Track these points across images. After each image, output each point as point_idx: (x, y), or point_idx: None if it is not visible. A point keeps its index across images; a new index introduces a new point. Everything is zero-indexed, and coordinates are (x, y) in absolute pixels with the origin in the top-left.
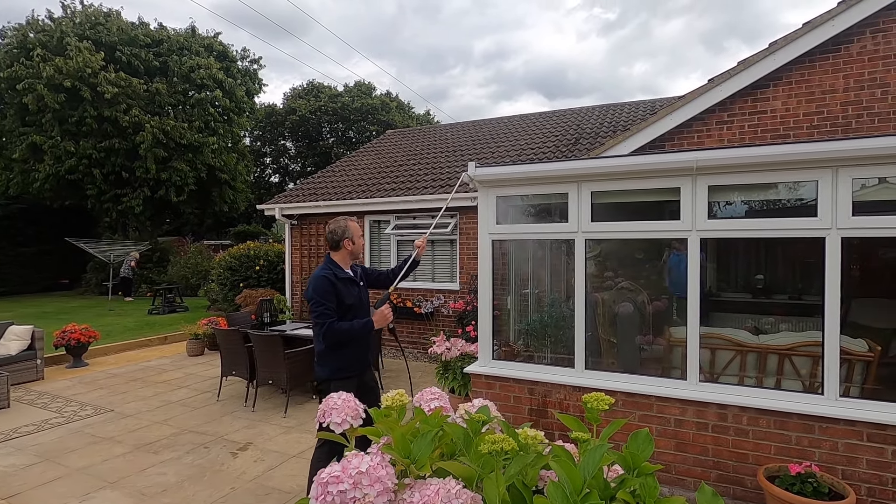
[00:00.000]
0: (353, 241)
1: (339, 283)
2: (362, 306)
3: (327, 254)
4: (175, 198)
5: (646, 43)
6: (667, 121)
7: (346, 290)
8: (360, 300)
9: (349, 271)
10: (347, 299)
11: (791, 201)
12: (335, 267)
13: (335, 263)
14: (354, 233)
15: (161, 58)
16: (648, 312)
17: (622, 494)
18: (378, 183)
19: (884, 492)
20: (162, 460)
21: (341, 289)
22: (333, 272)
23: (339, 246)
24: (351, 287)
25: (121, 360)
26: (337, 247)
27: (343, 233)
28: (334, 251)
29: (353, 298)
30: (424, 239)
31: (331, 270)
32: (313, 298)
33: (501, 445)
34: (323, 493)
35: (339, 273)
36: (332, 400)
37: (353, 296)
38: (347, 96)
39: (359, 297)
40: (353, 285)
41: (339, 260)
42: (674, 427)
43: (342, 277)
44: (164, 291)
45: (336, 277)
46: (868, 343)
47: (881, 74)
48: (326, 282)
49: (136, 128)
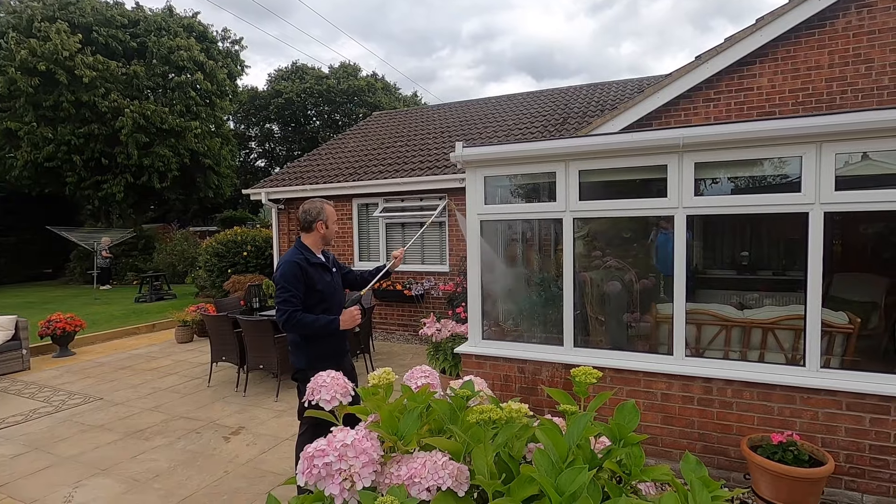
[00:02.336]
0: (326, 224)
1: (311, 269)
2: (335, 295)
3: (298, 237)
4: (158, 184)
5: (633, 23)
6: (654, 99)
7: (317, 275)
8: (332, 287)
9: (321, 256)
10: (318, 285)
11: (776, 178)
12: (306, 251)
13: (306, 247)
14: (329, 217)
15: (138, 39)
16: (636, 290)
17: (609, 464)
18: (365, 166)
19: (861, 458)
20: (153, 446)
21: (312, 274)
22: (305, 257)
23: (311, 227)
24: (323, 273)
25: (108, 348)
26: (309, 228)
27: (318, 214)
28: (306, 233)
29: (324, 284)
30: (402, 251)
31: (302, 255)
32: (279, 283)
33: (489, 415)
34: (309, 466)
35: (310, 258)
36: (321, 378)
37: (324, 282)
38: (333, 78)
39: (331, 285)
40: (326, 271)
41: (310, 244)
42: (660, 401)
43: (314, 262)
44: (150, 279)
45: (307, 262)
46: (848, 316)
47: (865, 50)
48: (296, 267)
49: (115, 112)
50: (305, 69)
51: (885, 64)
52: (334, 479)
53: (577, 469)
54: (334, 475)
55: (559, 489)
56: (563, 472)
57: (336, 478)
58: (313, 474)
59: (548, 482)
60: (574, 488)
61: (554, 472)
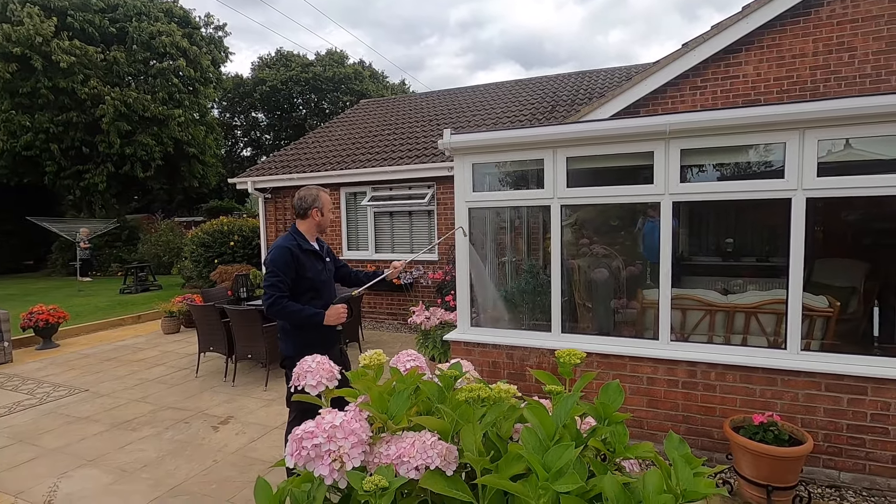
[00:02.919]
0: (321, 211)
1: (302, 255)
2: (326, 284)
3: (293, 223)
4: (141, 173)
5: (621, 11)
6: (641, 86)
7: (308, 262)
8: (323, 276)
9: (314, 244)
10: (308, 272)
11: (760, 165)
12: (300, 237)
13: (300, 234)
14: (325, 204)
15: (118, 24)
16: (623, 277)
17: (593, 442)
18: (353, 154)
19: (839, 437)
20: (141, 437)
21: (304, 261)
22: (298, 243)
23: (306, 214)
24: (315, 261)
25: (93, 340)
26: (304, 215)
27: (313, 201)
28: (300, 219)
29: (315, 272)
30: (402, 263)
31: (295, 241)
32: (269, 267)
33: (479, 393)
34: (298, 448)
35: (303, 244)
36: (307, 363)
37: (315, 269)
38: (319, 66)
39: (322, 273)
40: (318, 259)
41: (304, 230)
42: (646, 385)
43: (306, 249)
44: (135, 270)
45: (300, 249)
46: (828, 300)
47: (848, 38)
48: (287, 253)
49: (95, 100)
50: (290, 56)
51: (868, 52)
52: (323, 459)
53: (564, 446)
54: (323, 456)
55: (546, 466)
56: (551, 449)
57: (325, 458)
58: (302, 456)
59: (535, 459)
60: (560, 465)
61: (541, 449)
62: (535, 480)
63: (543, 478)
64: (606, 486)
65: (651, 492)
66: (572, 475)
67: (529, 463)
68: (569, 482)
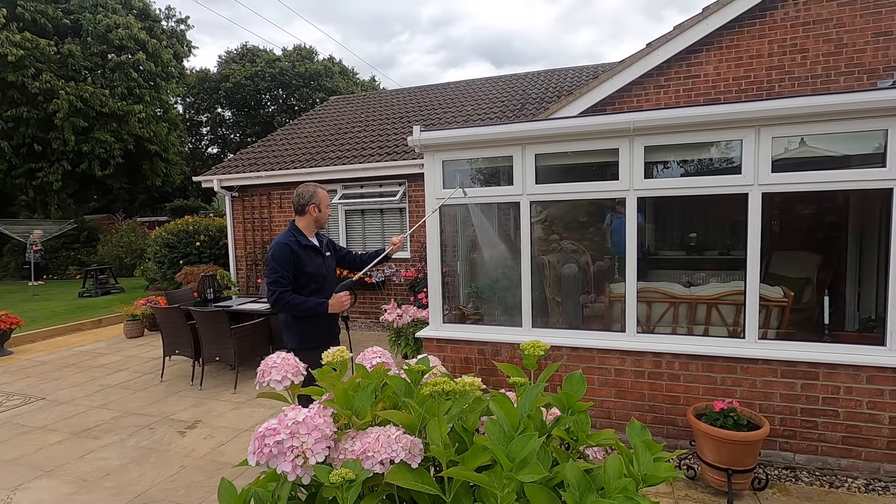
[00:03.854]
0: (318, 207)
1: (301, 251)
2: (327, 278)
3: (292, 220)
4: (100, 172)
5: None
6: (608, 85)
7: (307, 258)
8: (323, 270)
9: (314, 240)
10: (308, 267)
11: (721, 162)
12: (298, 234)
13: (299, 230)
14: (322, 200)
15: (72, 15)
16: (591, 272)
17: (557, 431)
18: (322, 151)
19: (793, 421)
20: (103, 445)
21: (303, 256)
22: (296, 239)
23: (304, 211)
24: (314, 256)
25: (50, 346)
26: (302, 211)
27: (310, 198)
28: (299, 216)
29: (315, 267)
30: (401, 238)
31: (293, 237)
32: (270, 264)
33: (443, 387)
34: (260, 445)
35: (302, 240)
36: (272, 359)
37: (314, 265)
38: (287, 61)
39: (322, 268)
40: (317, 254)
41: (302, 227)
42: (614, 376)
43: (305, 245)
44: (95, 272)
45: (298, 245)
46: (784, 290)
47: (801, 41)
48: (286, 249)
49: (48, 95)
50: (256, 52)
51: (819, 54)
52: (286, 456)
53: (528, 436)
54: (286, 452)
55: (510, 456)
56: (515, 439)
57: (288, 455)
58: (264, 453)
59: (499, 450)
60: (524, 454)
61: (505, 440)
62: (500, 471)
63: (508, 468)
64: (568, 474)
65: (612, 477)
66: (535, 465)
67: (494, 454)
68: (532, 472)
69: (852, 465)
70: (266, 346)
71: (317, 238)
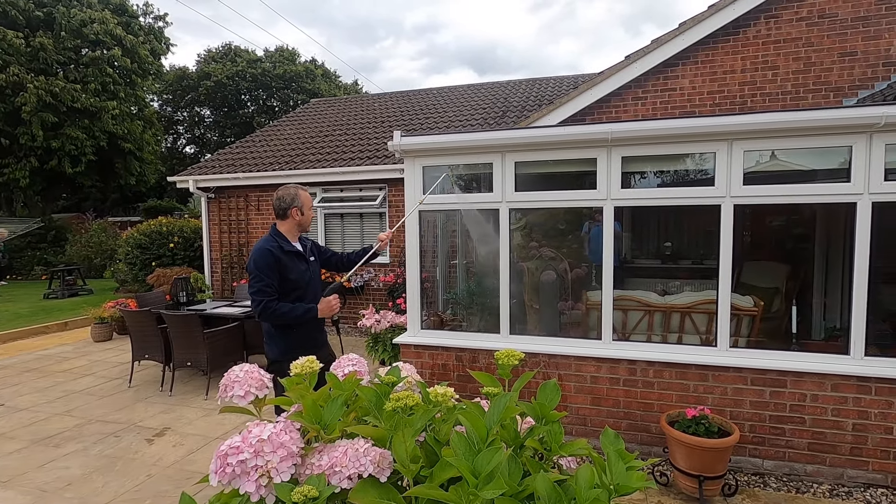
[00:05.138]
0: (301, 210)
1: (284, 257)
2: (311, 284)
3: (273, 224)
4: (70, 169)
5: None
6: (587, 95)
7: (291, 264)
8: (307, 276)
9: (297, 245)
10: (291, 274)
11: (696, 174)
12: (281, 239)
13: (281, 235)
14: (304, 203)
15: (45, 8)
16: (569, 279)
17: (530, 442)
18: (302, 154)
19: (762, 427)
20: (65, 453)
21: (286, 262)
22: (279, 244)
23: (286, 215)
24: (297, 262)
25: (11, 349)
26: (284, 215)
27: (292, 201)
28: (280, 220)
29: (298, 274)
30: (389, 234)
31: (276, 242)
32: (253, 272)
33: (405, 402)
34: (222, 465)
35: (284, 245)
36: (234, 373)
37: (298, 271)
38: (268, 62)
39: (306, 273)
40: (301, 260)
41: (285, 231)
42: (590, 384)
43: (288, 251)
44: (62, 273)
45: (281, 250)
46: (754, 300)
47: (772, 58)
48: (269, 255)
49: (15, 88)
50: (238, 51)
51: (789, 71)
52: (250, 476)
53: (493, 450)
54: (250, 472)
55: (475, 471)
56: (480, 453)
57: (252, 475)
58: (227, 473)
59: (464, 465)
60: (490, 468)
61: (471, 454)
62: (467, 486)
63: (473, 484)
64: (539, 486)
65: (583, 487)
66: (498, 480)
67: (458, 468)
68: (495, 487)
69: (818, 470)
70: (240, 352)
71: (300, 242)
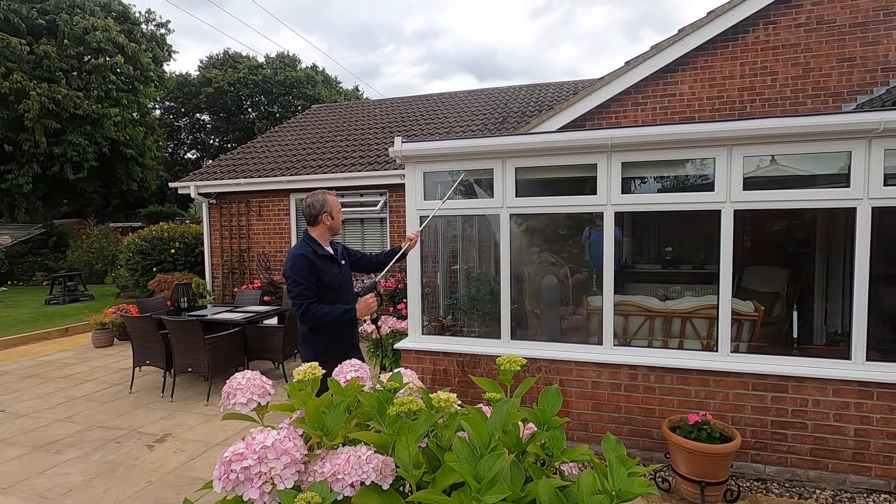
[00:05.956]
0: (331, 215)
1: (319, 261)
2: (344, 286)
3: (305, 230)
4: (72, 175)
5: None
6: (587, 101)
7: (325, 267)
8: (340, 279)
9: (329, 249)
10: (326, 277)
11: (696, 179)
12: (314, 244)
13: (313, 240)
14: (334, 207)
15: (48, 16)
16: (570, 284)
17: (532, 448)
18: (304, 160)
19: (764, 433)
20: (65, 460)
21: (321, 266)
22: (312, 249)
23: (316, 221)
24: (331, 265)
25: (12, 355)
26: (314, 222)
27: (321, 207)
28: (311, 226)
29: (332, 276)
30: (417, 233)
31: (309, 247)
32: (290, 277)
33: (409, 407)
34: (226, 472)
35: (318, 250)
36: (237, 380)
37: (332, 274)
38: (269, 68)
39: (340, 276)
40: (334, 263)
41: (317, 236)
42: (591, 389)
43: (322, 255)
44: (63, 279)
45: (315, 255)
46: (754, 305)
47: (771, 63)
48: (304, 259)
49: (18, 95)
50: (238, 57)
51: (787, 77)
52: (254, 482)
53: (496, 455)
54: (253, 479)
55: (478, 476)
56: (483, 458)
57: (255, 482)
58: (231, 479)
59: (466, 470)
60: (492, 474)
61: (474, 459)
62: (469, 492)
63: (476, 489)
64: (541, 491)
65: (585, 493)
66: (501, 485)
67: (461, 474)
68: (497, 492)
69: (820, 476)
70: (241, 357)
71: (331, 246)
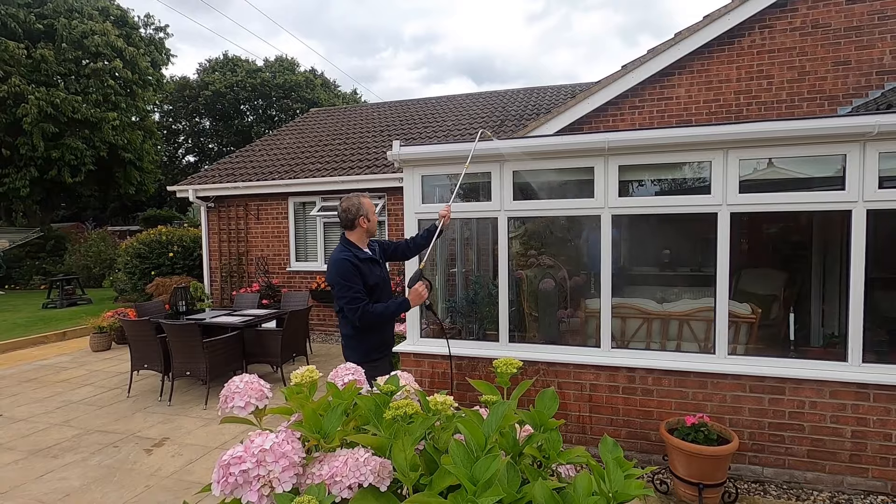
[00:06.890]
0: (367, 218)
1: (361, 265)
2: (386, 286)
3: (342, 234)
4: (70, 179)
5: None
6: (584, 104)
7: (368, 270)
8: (383, 280)
9: (367, 251)
10: (370, 279)
11: (693, 182)
12: (353, 248)
13: (352, 244)
14: (369, 210)
15: (46, 20)
16: (568, 287)
17: (529, 450)
18: (302, 163)
19: (761, 434)
20: (63, 464)
21: (364, 269)
22: (353, 253)
23: (353, 225)
24: (373, 267)
25: (9, 360)
26: (352, 226)
27: (357, 210)
28: (349, 231)
29: (377, 278)
30: (448, 207)
31: (350, 252)
32: (339, 282)
33: (405, 410)
34: (225, 475)
35: (358, 254)
36: (234, 384)
37: (375, 275)
38: (268, 72)
39: (382, 277)
40: (375, 265)
41: (355, 240)
42: (589, 391)
43: (363, 258)
44: (61, 283)
45: (357, 259)
46: (752, 307)
47: (767, 67)
48: (348, 264)
49: (16, 99)
50: (237, 61)
51: (783, 80)
52: (252, 486)
53: (491, 457)
54: (252, 482)
55: (474, 478)
56: (479, 460)
57: (254, 485)
58: (229, 483)
59: (462, 472)
60: (488, 476)
61: (470, 461)
62: (465, 494)
63: (472, 491)
64: (537, 493)
65: (582, 495)
66: (496, 487)
67: (457, 476)
68: (493, 494)
69: (817, 478)
70: (240, 361)
71: (368, 247)
